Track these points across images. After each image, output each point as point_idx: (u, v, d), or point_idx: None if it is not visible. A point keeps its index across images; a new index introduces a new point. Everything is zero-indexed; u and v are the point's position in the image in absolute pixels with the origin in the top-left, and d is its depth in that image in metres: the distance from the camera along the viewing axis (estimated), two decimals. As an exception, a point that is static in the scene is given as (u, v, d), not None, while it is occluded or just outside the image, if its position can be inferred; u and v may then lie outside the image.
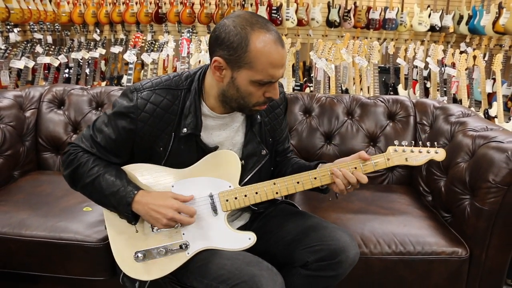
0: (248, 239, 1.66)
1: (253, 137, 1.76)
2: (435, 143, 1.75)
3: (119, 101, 1.67)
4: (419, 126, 2.64)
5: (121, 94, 1.69)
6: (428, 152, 1.71)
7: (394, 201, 2.36)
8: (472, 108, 5.21)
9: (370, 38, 7.23)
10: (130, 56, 4.69)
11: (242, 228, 1.85)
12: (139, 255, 1.64)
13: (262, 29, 1.48)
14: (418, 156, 1.71)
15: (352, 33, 7.20)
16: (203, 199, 1.68)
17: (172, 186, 1.68)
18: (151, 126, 1.64)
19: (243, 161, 1.73)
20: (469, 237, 2.02)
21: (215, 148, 1.71)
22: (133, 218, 1.64)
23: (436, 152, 1.72)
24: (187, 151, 1.69)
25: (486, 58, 6.42)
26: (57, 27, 6.94)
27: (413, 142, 1.73)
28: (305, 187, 1.69)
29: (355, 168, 1.67)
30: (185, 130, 1.65)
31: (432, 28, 7.12)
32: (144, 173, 1.70)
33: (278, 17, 6.92)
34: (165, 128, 1.66)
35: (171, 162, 1.69)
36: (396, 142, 1.72)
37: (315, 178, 1.68)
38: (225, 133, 1.74)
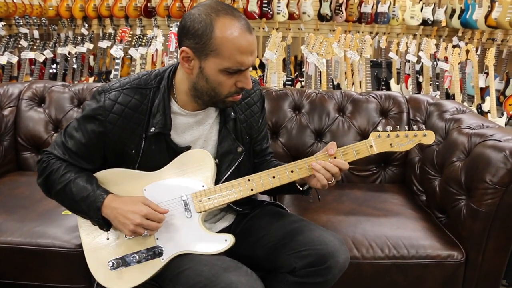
0: (225, 240, 1.58)
1: (228, 134, 1.69)
2: (423, 126, 1.63)
3: (87, 104, 1.62)
4: (412, 123, 2.55)
5: (91, 96, 1.62)
6: (415, 136, 1.60)
7: (386, 201, 2.28)
8: (465, 103, 5.15)
9: (362, 32, 7.16)
10: (116, 51, 4.59)
11: (225, 230, 1.78)
12: (113, 263, 1.58)
13: (228, 15, 1.43)
14: (404, 140, 1.59)
15: (344, 27, 7.13)
16: (176, 201, 1.61)
17: (145, 190, 1.62)
18: (120, 128, 1.58)
19: (217, 160, 1.66)
20: (465, 240, 1.94)
21: (187, 148, 1.64)
22: (104, 224, 1.57)
23: (424, 135, 1.60)
24: (158, 152, 1.62)
25: (478, 52, 6.37)
26: (43, 21, 6.81)
27: (398, 126, 1.62)
28: (281, 182, 1.60)
29: (335, 158, 1.58)
30: (153, 129, 1.59)
31: (424, 22, 7.08)
32: (115, 178, 1.63)
33: (269, 10, 6.83)
34: (135, 129, 1.60)
35: (144, 164, 1.63)
36: (379, 128, 1.62)
37: (292, 172, 1.60)
38: (198, 131, 1.67)
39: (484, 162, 1.89)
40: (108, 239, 1.61)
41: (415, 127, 1.63)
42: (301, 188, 1.70)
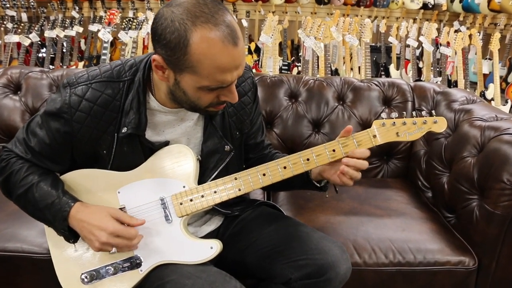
0: (210, 248, 1.40)
1: (214, 132, 1.49)
2: (433, 111, 1.45)
3: (52, 98, 1.40)
4: (418, 113, 2.37)
5: (57, 89, 1.41)
6: (424, 123, 1.41)
7: (390, 198, 2.10)
8: (468, 90, 4.98)
9: (361, 16, 6.95)
10: (104, 35, 4.38)
11: (213, 233, 1.60)
12: (86, 276, 1.40)
13: (207, 24, 1.17)
14: (412, 128, 1.40)
15: (342, 10, 6.91)
16: (154, 204, 1.42)
17: (118, 193, 1.42)
18: (89, 127, 1.37)
19: (199, 157, 1.47)
20: (478, 244, 1.77)
21: (165, 144, 1.44)
22: (71, 235, 1.38)
23: (435, 122, 1.41)
24: (131, 153, 1.42)
25: (480, 37, 6.19)
26: (32, 3, 6.57)
27: (405, 112, 1.43)
28: (273, 180, 1.41)
29: (333, 150, 1.40)
30: (124, 129, 1.38)
31: (425, 6, 6.87)
32: (85, 181, 1.44)
33: (265, -7, 6.60)
34: (107, 128, 1.39)
35: (117, 165, 1.43)
36: (383, 115, 1.43)
37: (285, 168, 1.40)
38: (180, 129, 1.47)
39: (500, 159, 1.71)
40: (77, 250, 1.43)
41: (423, 112, 1.45)
42: (318, 185, 1.52)
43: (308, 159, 1.40)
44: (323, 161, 1.40)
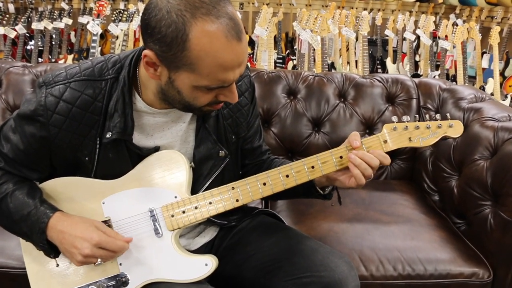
0: (205, 265, 1.27)
1: (207, 135, 1.35)
2: (447, 114, 1.32)
3: (26, 99, 1.25)
4: (423, 111, 2.25)
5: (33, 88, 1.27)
6: (439, 127, 1.29)
7: (395, 203, 1.98)
8: (466, 85, 4.88)
9: (356, 8, 6.83)
10: (93, 27, 4.24)
11: (207, 246, 1.47)
12: None
13: (208, 16, 1.03)
14: (426, 133, 1.28)
15: (337, 2, 6.79)
16: (142, 216, 1.28)
17: (103, 203, 1.29)
18: (68, 132, 1.23)
19: (192, 164, 1.34)
20: (492, 255, 1.65)
21: (155, 150, 1.30)
22: (51, 249, 1.25)
23: (450, 126, 1.29)
24: (117, 159, 1.28)
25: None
26: (20, -6, 6.42)
27: (417, 116, 1.30)
28: (274, 190, 1.28)
29: (341, 157, 1.27)
30: (109, 134, 1.24)
31: (421, -2, 6.76)
32: (67, 189, 1.30)
33: (259, -16, 6.46)
34: (88, 132, 1.25)
35: (101, 173, 1.29)
36: (394, 118, 1.30)
37: (287, 176, 1.28)
38: (171, 133, 1.33)
39: (518, 164, 1.60)
40: (58, 265, 1.29)
41: (437, 115, 1.32)
42: (321, 192, 1.38)
43: (312, 167, 1.27)
44: (329, 169, 1.27)
